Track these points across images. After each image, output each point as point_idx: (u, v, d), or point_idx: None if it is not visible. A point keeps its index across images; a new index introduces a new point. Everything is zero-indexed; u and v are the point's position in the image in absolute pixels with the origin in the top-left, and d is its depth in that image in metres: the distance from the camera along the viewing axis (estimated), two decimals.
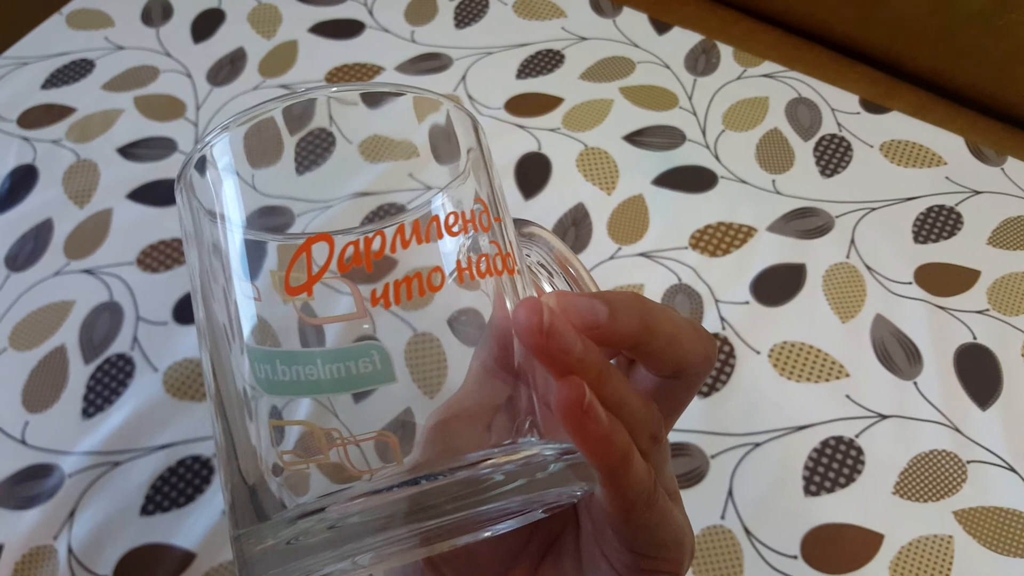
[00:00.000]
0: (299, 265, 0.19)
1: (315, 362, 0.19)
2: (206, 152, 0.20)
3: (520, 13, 0.65)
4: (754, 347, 0.48)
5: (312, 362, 0.19)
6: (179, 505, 0.44)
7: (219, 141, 0.20)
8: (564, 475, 0.19)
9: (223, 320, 0.20)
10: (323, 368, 0.19)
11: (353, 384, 0.19)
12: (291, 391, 0.19)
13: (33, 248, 0.53)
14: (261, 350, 0.19)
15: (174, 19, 0.65)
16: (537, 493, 0.18)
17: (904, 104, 0.88)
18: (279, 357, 0.19)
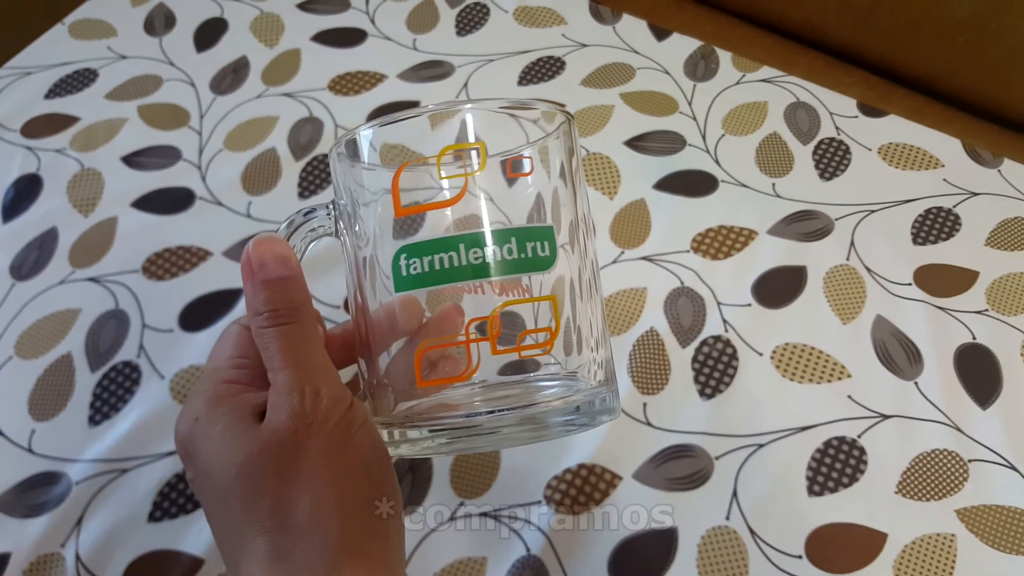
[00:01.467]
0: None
1: (456, 247, 0.24)
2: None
3: (521, 20, 0.66)
4: (756, 349, 0.48)
5: (454, 247, 0.24)
6: (187, 511, 0.44)
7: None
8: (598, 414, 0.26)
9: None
10: (467, 253, 0.23)
11: (505, 270, 0.24)
12: (436, 281, 0.24)
13: (38, 257, 0.53)
14: (411, 244, 0.24)
15: (177, 28, 0.66)
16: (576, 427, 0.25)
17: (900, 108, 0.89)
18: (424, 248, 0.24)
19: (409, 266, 0.24)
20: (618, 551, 0.42)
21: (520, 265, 0.24)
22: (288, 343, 0.26)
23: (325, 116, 0.60)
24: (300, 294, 0.27)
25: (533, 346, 0.25)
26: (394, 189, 0.24)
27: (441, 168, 0.24)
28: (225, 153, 0.58)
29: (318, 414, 0.25)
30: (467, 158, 0.24)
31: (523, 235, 0.24)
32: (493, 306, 0.25)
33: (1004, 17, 0.81)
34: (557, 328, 0.25)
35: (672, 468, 0.44)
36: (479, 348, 0.24)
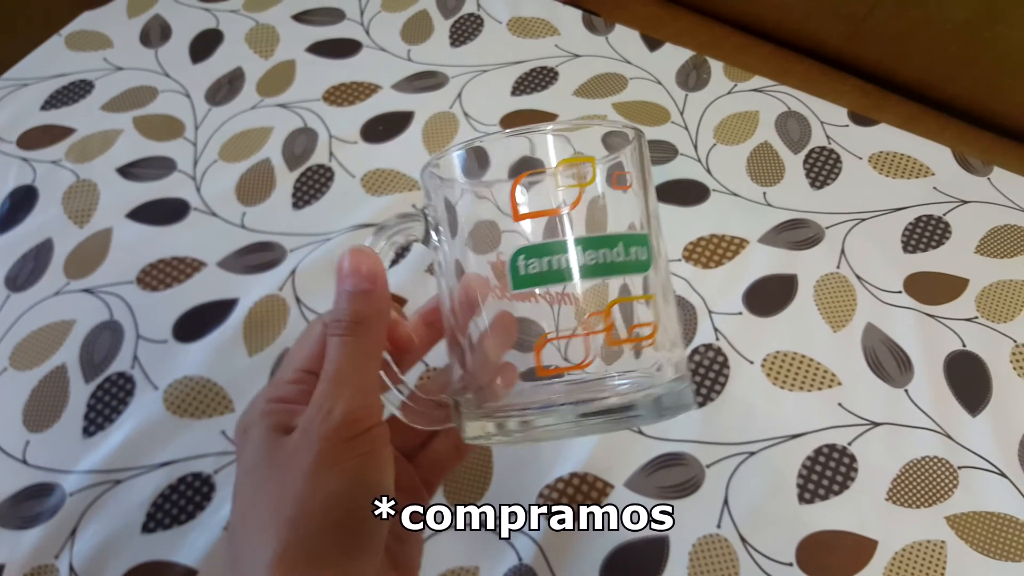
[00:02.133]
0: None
1: (575, 249, 0.26)
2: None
3: (514, 31, 0.66)
4: (747, 357, 0.48)
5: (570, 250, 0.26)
6: (180, 522, 0.44)
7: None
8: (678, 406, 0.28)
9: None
10: (583, 255, 0.26)
11: (612, 271, 0.27)
12: (552, 279, 0.26)
13: (33, 268, 0.53)
14: (529, 246, 0.27)
15: (172, 40, 0.66)
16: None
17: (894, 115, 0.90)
18: (542, 249, 0.26)
19: (528, 266, 0.26)
20: (609, 560, 0.42)
21: (624, 267, 0.27)
22: (341, 354, 0.27)
23: (319, 127, 0.60)
24: (373, 310, 0.28)
25: (641, 338, 0.28)
26: (512, 197, 0.27)
27: (559, 178, 0.27)
28: (220, 164, 0.58)
29: (320, 429, 0.26)
30: (581, 169, 0.27)
31: (628, 240, 0.27)
32: (597, 304, 0.27)
33: (996, 26, 0.82)
34: (658, 322, 0.28)
35: (663, 476, 0.45)
36: (589, 340, 0.27)
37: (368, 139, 0.59)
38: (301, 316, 0.50)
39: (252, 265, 0.53)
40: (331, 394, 0.27)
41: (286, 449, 0.27)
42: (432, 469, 0.34)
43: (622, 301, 0.27)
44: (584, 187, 0.27)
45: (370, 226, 0.54)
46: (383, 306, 0.28)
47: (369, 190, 0.56)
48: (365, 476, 0.26)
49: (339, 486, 0.26)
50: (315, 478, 0.26)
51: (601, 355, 0.28)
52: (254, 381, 0.48)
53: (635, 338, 0.28)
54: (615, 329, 0.27)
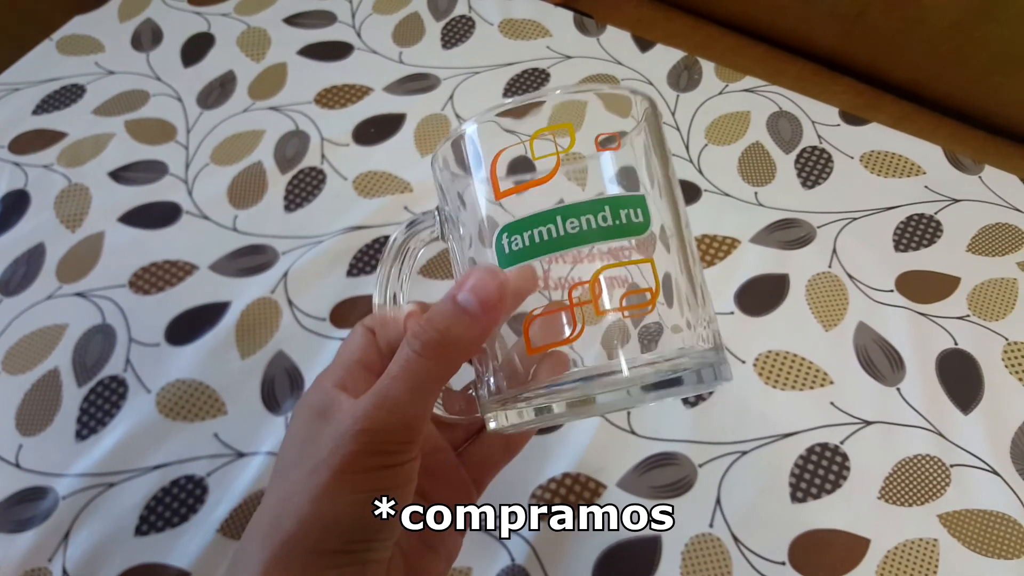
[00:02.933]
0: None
1: (554, 219, 0.25)
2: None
3: (506, 33, 0.66)
4: (739, 356, 0.49)
5: (551, 220, 0.25)
6: (173, 525, 0.44)
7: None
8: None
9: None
10: (564, 224, 0.25)
11: (601, 236, 0.25)
12: (537, 252, 0.25)
13: (25, 272, 0.53)
14: (511, 223, 0.25)
15: (164, 43, 0.66)
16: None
17: (888, 115, 0.90)
18: (523, 224, 0.25)
19: (511, 243, 0.25)
20: (602, 560, 0.42)
21: (615, 231, 0.25)
22: (405, 375, 0.25)
23: (311, 129, 0.60)
24: (466, 341, 0.25)
25: (636, 305, 0.26)
26: (492, 175, 0.26)
27: (535, 150, 0.25)
28: (211, 167, 0.58)
29: (348, 446, 0.24)
30: (559, 137, 0.26)
31: (616, 203, 0.25)
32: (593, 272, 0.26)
33: (988, 24, 0.82)
34: (657, 287, 0.26)
35: (656, 476, 0.45)
36: (583, 312, 0.25)
37: (360, 141, 0.59)
38: (293, 318, 0.51)
39: (244, 268, 0.53)
40: (373, 414, 0.24)
41: (313, 449, 0.25)
42: (481, 467, 0.32)
43: (609, 268, 0.25)
44: (560, 154, 0.25)
45: (362, 228, 0.54)
46: (480, 337, 0.25)
47: (361, 192, 0.56)
48: (372, 514, 0.25)
49: (346, 513, 0.24)
50: (324, 498, 0.24)
51: (618, 341, 0.26)
52: (246, 384, 0.48)
53: (629, 305, 0.26)
54: (601, 299, 0.25)
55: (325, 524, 0.24)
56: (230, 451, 0.46)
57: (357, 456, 0.24)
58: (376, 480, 0.24)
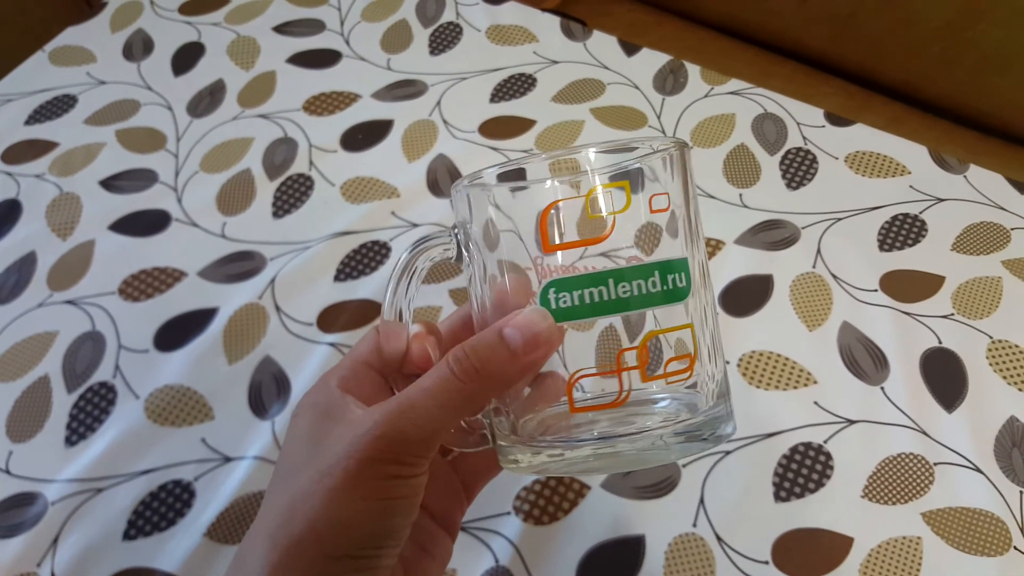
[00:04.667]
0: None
1: (606, 282, 0.25)
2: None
3: (493, 39, 0.67)
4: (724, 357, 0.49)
5: (603, 282, 0.25)
6: (160, 529, 0.44)
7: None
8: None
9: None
10: (616, 288, 0.25)
11: (649, 302, 0.25)
12: (584, 313, 0.25)
13: (17, 281, 0.54)
14: (560, 279, 0.25)
15: (155, 53, 0.67)
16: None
17: (878, 115, 0.90)
18: (574, 283, 0.25)
19: (559, 299, 0.25)
20: (585, 560, 0.42)
21: (662, 297, 0.25)
22: (434, 385, 0.25)
23: (299, 136, 0.61)
24: (505, 376, 0.25)
25: (677, 372, 0.26)
26: (542, 226, 0.25)
27: (589, 207, 0.25)
28: (201, 175, 0.59)
29: (363, 451, 0.24)
30: (612, 196, 0.26)
31: (664, 268, 0.25)
32: (636, 335, 0.26)
33: (978, 25, 0.82)
34: (695, 353, 0.26)
35: (639, 476, 0.45)
36: (630, 376, 0.26)
37: (348, 148, 0.60)
38: (280, 324, 0.51)
39: (232, 274, 0.53)
40: (396, 420, 0.24)
41: (324, 451, 0.25)
42: (472, 475, 0.33)
43: (657, 334, 0.26)
44: (616, 215, 0.25)
45: (350, 233, 0.55)
46: (519, 374, 0.25)
47: (348, 198, 0.57)
48: (387, 521, 0.25)
49: (357, 520, 0.24)
50: (336, 502, 0.24)
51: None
52: (234, 389, 0.49)
53: (670, 373, 0.26)
54: (650, 363, 0.26)
55: (337, 529, 0.24)
56: (217, 456, 0.46)
57: (373, 463, 0.24)
58: (390, 489, 0.24)
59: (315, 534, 0.24)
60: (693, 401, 0.28)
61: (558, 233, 0.26)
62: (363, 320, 0.51)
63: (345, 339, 0.50)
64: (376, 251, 0.54)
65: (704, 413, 0.27)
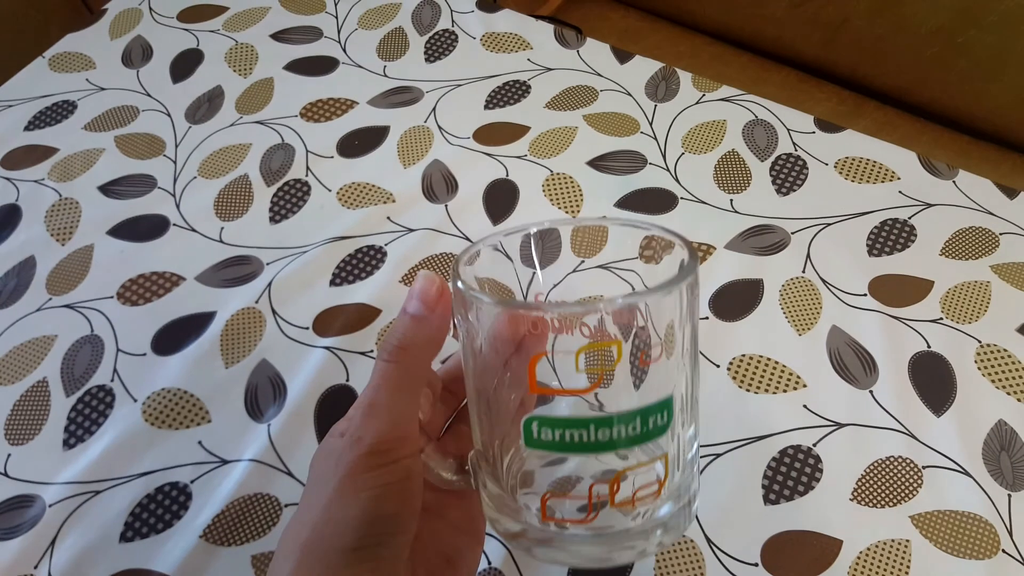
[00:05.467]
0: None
1: (587, 426, 0.25)
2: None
3: (488, 46, 0.67)
4: (714, 361, 0.49)
5: (586, 426, 0.26)
6: (157, 531, 0.45)
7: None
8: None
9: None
10: (596, 432, 0.25)
11: (629, 443, 0.26)
12: (563, 449, 0.26)
13: (16, 285, 0.54)
14: (544, 417, 0.26)
15: (154, 60, 0.68)
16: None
17: (871, 121, 0.91)
18: (556, 422, 0.26)
19: (541, 432, 0.26)
20: None
21: (642, 437, 0.26)
22: (379, 381, 0.28)
23: (296, 142, 0.61)
24: (422, 338, 0.28)
25: (645, 498, 0.27)
26: (531, 373, 0.26)
27: (579, 362, 0.27)
28: (199, 180, 0.59)
29: (347, 457, 0.27)
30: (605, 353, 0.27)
31: (647, 412, 0.26)
32: (611, 464, 0.28)
33: (970, 30, 0.83)
34: (665, 479, 0.27)
35: None
36: (599, 502, 0.27)
37: (344, 154, 0.60)
38: (277, 328, 0.51)
39: (229, 279, 0.54)
40: (362, 423, 0.27)
41: (318, 476, 0.27)
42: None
43: (631, 469, 0.27)
44: (604, 371, 0.27)
45: (346, 239, 0.56)
46: (434, 334, 0.28)
47: (345, 203, 0.57)
48: (381, 507, 0.26)
49: (354, 513, 0.26)
50: (332, 504, 0.26)
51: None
52: (231, 392, 0.49)
53: (637, 499, 0.27)
54: (620, 492, 0.27)
55: (336, 525, 0.26)
56: (214, 458, 0.47)
57: (357, 461, 0.26)
58: (377, 477, 0.26)
59: (317, 535, 0.26)
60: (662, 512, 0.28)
61: (546, 377, 0.27)
62: (359, 324, 0.51)
63: (341, 343, 0.51)
64: (372, 256, 0.55)
65: (666, 512, 0.28)
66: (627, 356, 0.27)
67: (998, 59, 0.83)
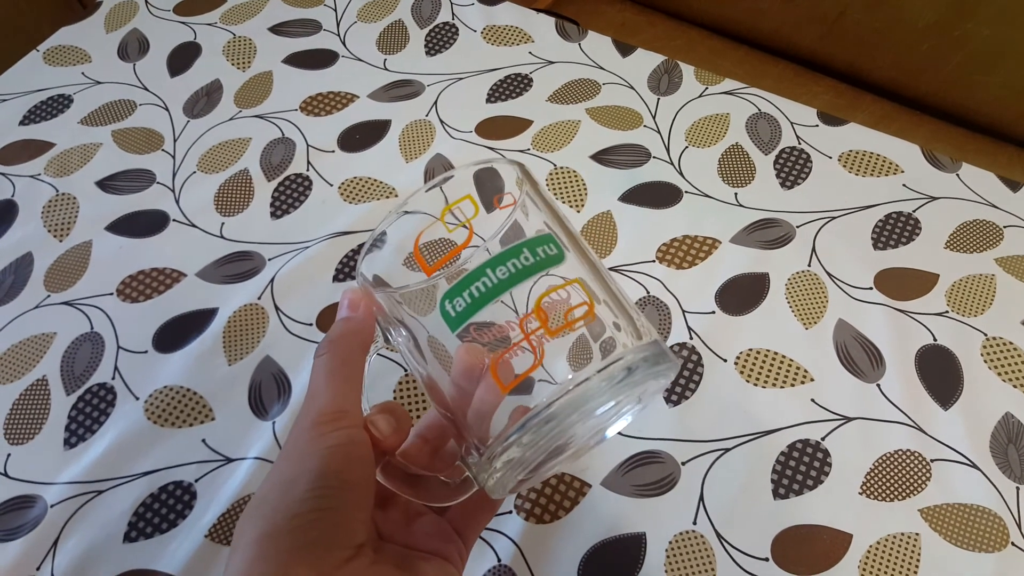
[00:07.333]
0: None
1: (484, 273, 0.27)
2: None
3: (489, 39, 0.67)
4: (721, 355, 0.49)
5: (483, 274, 0.28)
6: (161, 531, 0.44)
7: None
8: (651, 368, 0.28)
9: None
10: (495, 273, 0.27)
11: (528, 273, 0.28)
12: (479, 304, 0.27)
13: (13, 282, 0.53)
14: (448, 288, 0.28)
15: (150, 53, 0.67)
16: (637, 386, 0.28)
17: (868, 114, 0.91)
18: (462, 283, 0.28)
19: (455, 306, 0.28)
20: (588, 558, 0.43)
21: (540, 265, 0.28)
22: (315, 372, 0.31)
23: (297, 136, 0.60)
24: (347, 330, 0.31)
25: (579, 318, 0.29)
26: (417, 257, 0.29)
27: (446, 223, 0.29)
28: (198, 175, 0.59)
29: (292, 434, 0.29)
30: (462, 210, 0.30)
31: (531, 244, 0.28)
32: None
33: (966, 24, 0.83)
34: (591, 300, 0.29)
35: (640, 475, 0.45)
36: (539, 338, 0.28)
37: (345, 148, 0.60)
38: (280, 324, 0.51)
39: (231, 275, 0.53)
40: (303, 407, 0.30)
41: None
42: (462, 519, 0.34)
43: (547, 294, 0.28)
44: (470, 221, 0.29)
45: (348, 233, 0.55)
46: (359, 327, 0.32)
47: (347, 198, 0.57)
48: (326, 465, 0.27)
49: (298, 474, 0.27)
50: (276, 472, 0.28)
51: (568, 358, 0.29)
52: (234, 389, 0.48)
53: (571, 320, 0.29)
54: (550, 321, 0.28)
55: (282, 487, 0.27)
56: (218, 457, 0.46)
57: (299, 434, 0.29)
58: (317, 441, 0.28)
59: (263, 498, 0.27)
60: (617, 349, 0.29)
61: (432, 256, 0.29)
62: None
63: None
64: None
65: (632, 351, 0.28)
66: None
67: (994, 52, 0.83)
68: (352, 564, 0.26)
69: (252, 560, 0.25)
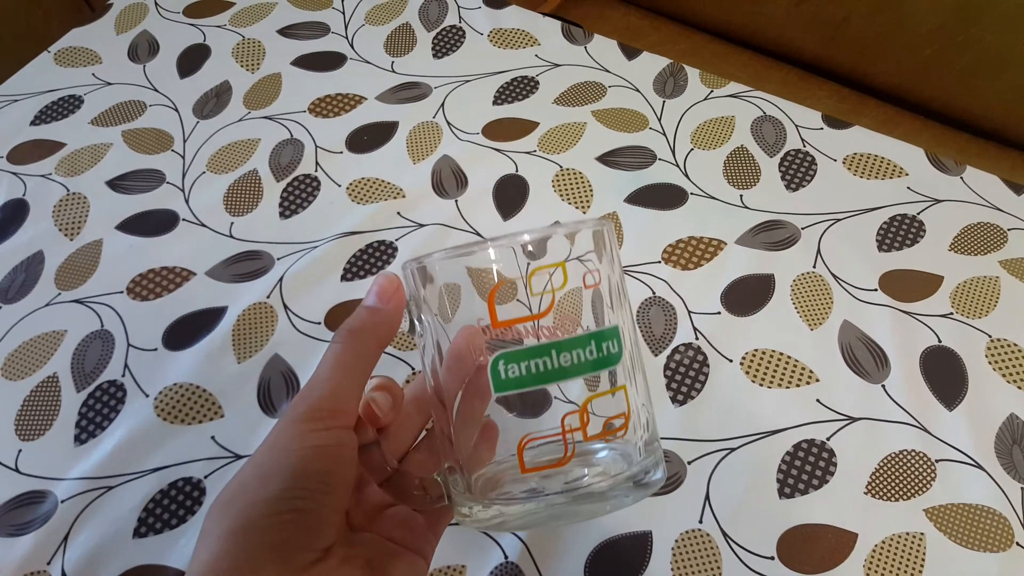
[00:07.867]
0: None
1: (549, 353, 0.27)
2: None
3: (495, 43, 0.67)
4: (726, 355, 0.49)
5: (547, 353, 0.27)
6: (171, 527, 0.45)
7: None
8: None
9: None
10: (557, 358, 0.27)
11: (586, 370, 0.28)
12: (533, 382, 0.27)
13: (24, 280, 0.54)
14: (508, 352, 0.28)
15: (160, 55, 0.67)
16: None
17: (872, 118, 0.91)
18: (520, 355, 0.28)
19: (508, 370, 0.28)
20: (594, 556, 0.43)
21: (599, 363, 0.28)
22: (325, 359, 0.30)
23: (305, 138, 0.61)
24: (371, 323, 0.30)
25: (615, 430, 0.29)
26: (490, 304, 0.28)
27: (531, 285, 0.29)
28: (208, 175, 0.59)
29: (280, 423, 0.28)
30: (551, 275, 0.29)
31: (599, 337, 0.28)
32: (573, 399, 0.29)
33: (970, 29, 0.84)
34: (629, 412, 0.29)
35: None
36: (573, 438, 0.28)
37: (353, 149, 0.60)
38: (288, 322, 0.51)
39: (240, 274, 0.54)
40: (300, 395, 0.29)
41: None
42: (434, 512, 0.34)
43: (596, 398, 0.29)
44: (556, 292, 0.28)
45: (356, 233, 0.55)
46: (385, 322, 0.30)
47: (355, 199, 0.57)
48: (308, 464, 0.27)
49: (279, 468, 0.27)
50: (257, 461, 0.27)
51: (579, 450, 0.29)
52: (243, 387, 0.49)
53: (609, 431, 0.29)
54: (590, 424, 0.28)
55: (261, 479, 0.27)
56: (227, 453, 0.47)
57: (287, 426, 0.28)
58: (305, 438, 0.27)
59: (242, 488, 0.27)
60: (627, 451, 0.30)
61: (505, 310, 0.28)
62: None
63: None
64: (383, 251, 0.55)
65: (638, 464, 0.29)
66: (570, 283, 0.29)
67: (998, 57, 0.84)
68: (320, 566, 0.26)
69: (220, 555, 0.25)
